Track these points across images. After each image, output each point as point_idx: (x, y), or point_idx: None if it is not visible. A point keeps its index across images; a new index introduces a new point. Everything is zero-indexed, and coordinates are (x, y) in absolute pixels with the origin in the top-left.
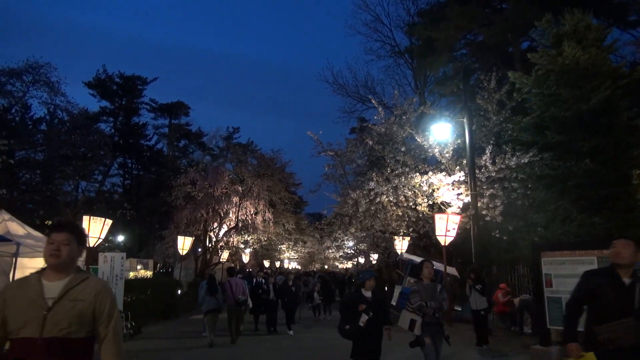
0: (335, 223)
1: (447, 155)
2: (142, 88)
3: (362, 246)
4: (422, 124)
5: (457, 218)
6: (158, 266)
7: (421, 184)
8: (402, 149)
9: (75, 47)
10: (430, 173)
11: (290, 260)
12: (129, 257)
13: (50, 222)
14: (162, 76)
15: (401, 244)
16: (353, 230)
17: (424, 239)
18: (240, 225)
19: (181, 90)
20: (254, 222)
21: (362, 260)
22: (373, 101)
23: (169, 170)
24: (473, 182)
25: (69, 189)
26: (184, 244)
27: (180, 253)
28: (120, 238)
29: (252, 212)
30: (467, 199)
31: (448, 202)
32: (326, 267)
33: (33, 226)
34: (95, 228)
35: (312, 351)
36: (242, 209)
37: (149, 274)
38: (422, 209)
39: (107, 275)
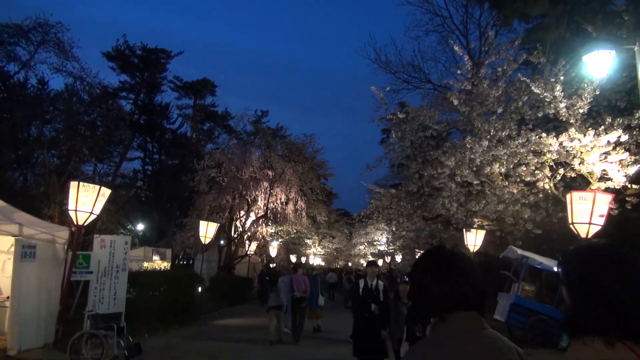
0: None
1: (579, 112)
2: (165, 62)
3: (399, 243)
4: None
5: (608, 198)
6: (178, 257)
7: (551, 149)
8: (499, 110)
9: (96, 37)
10: (573, 130)
11: (315, 255)
12: (145, 246)
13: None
14: (186, 54)
15: (475, 239)
16: (421, 213)
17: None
18: (269, 214)
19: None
20: (285, 212)
21: (398, 258)
22: (456, 47)
23: (192, 154)
24: None
25: (89, 172)
26: (206, 230)
27: (203, 242)
28: (140, 227)
29: (282, 200)
30: (633, 170)
31: (597, 173)
32: (350, 264)
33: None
34: (87, 199)
35: None
36: (272, 196)
37: (166, 265)
38: (548, 186)
39: (105, 265)
